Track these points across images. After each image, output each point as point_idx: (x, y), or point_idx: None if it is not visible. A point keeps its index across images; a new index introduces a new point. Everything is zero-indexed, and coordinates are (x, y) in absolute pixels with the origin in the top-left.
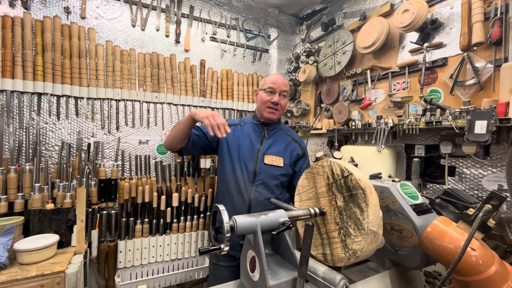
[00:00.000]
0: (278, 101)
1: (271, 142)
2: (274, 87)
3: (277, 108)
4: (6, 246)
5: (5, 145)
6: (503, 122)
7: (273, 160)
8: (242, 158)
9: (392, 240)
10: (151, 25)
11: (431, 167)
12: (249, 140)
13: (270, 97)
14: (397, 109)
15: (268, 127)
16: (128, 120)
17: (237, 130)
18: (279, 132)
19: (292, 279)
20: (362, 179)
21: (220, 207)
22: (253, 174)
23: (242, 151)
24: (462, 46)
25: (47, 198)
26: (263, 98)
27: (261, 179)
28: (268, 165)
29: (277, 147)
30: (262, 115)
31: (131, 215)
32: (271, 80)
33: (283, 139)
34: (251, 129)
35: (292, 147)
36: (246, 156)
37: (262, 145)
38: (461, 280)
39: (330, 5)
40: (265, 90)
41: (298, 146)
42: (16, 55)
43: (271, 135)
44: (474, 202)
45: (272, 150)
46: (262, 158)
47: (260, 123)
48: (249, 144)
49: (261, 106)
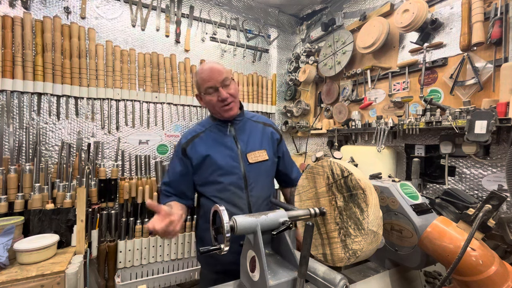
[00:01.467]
0: (226, 95)
1: (245, 137)
2: (211, 85)
3: (230, 101)
4: (6, 246)
5: (5, 145)
6: (503, 122)
7: (258, 156)
8: (226, 167)
9: (392, 240)
10: (151, 25)
11: (431, 167)
12: (222, 145)
13: (216, 96)
14: (397, 109)
15: (234, 122)
16: (128, 120)
17: (201, 141)
18: (248, 123)
19: (292, 279)
20: (362, 179)
21: (220, 207)
22: (243, 179)
23: (222, 158)
24: (462, 46)
25: (47, 198)
26: (210, 101)
27: (252, 181)
28: (254, 164)
29: (254, 139)
30: (222, 116)
31: (131, 215)
32: (202, 78)
33: (255, 128)
34: (217, 131)
35: (267, 132)
36: (228, 163)
37: (238, 144)
38: (461, 280)
39: (330, 5)
40: (206, 93)
41: (272, 129)
42: (16, 55)
43: (241, 129)
44: (474, 202)
45: (251, 145)
46: (246, 158)
47: (224, 122)
48: (224, 149)
49: (214, 110)
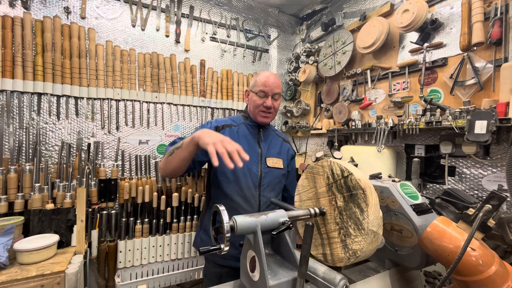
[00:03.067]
0: (271, 105)
1: (267, 144)
2: (266, 90)
3: (271, 111)
4: (6, 246)
5: (5, 145)
6: (503, 122)
7: (275, 163)
8: (247, 163)
9: (392, 240)
10: (151, 25)
11: (431, 167)
12: (247, 142)
13: (262, 101)
14: (397, 109)
15: (263, 128)
16: (128, 120)
17: (232, 132)
18: (271, 134)
19: (292, 279)
20: (362, 179)
21: (220, 207)
22: (258, 178)
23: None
24: (462, 46)
25: (47, 198)
26: (255, 101)
27: (266, 182)
28: (271, 168)
29: (274, 149)
30: (256, 118)
31: (131, 215)
32: (262, 81)
33: (276, 140)
34: (246, 130)
35: (285, 147)
36: (250, 160)
37: (261, 148)
38: (461, 280)
39: (330, 5)
40: (256, 93)
41: (289, 146)
42: (16, 55)
43: (266, 137)
44: (474, 202)
45: (272, 152)
46: (265, 161)
47: (256, 125)
48: (248, 146)
49: (254, 110)
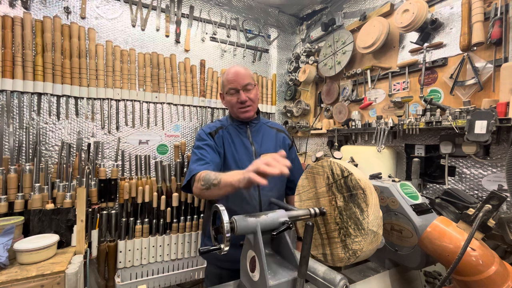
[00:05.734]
0: (246, 98)
1: (259, 139)
2: (234, 86)
3: (249, 104)
4: (6, 246)
5: (5, 145)
6: (503, 122)
7: None
8: (240, 163)
9: (392, 240)
10: (151, 25)
11: (431, 167)
12: (239, 143)
13: (236, 97)
14: (397, 109)
15: (250, 124)
16: (128, 120)
17: (225, 134)
18: (262, 127)
19: (292, 279)
20: (362, 179)
21: (220, 207)
22: None
23: (239, 156)
24: (462, 46)
25: (47, 198)
26: (230, 101)
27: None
28: None
29: (268, 143)
30: (238, 116)
31: (131, 215)
32: (228, 79)
33: (269, 133)
34: (235, 130)
35: (280, 138)
36: (244, 160)
37: (253, 145)
38: (461, 280)
39: (330, 5)
40: (227, 93)
41: (284, 135)
42: (16, 55)
43: (256, 132)
44: (474, 202)
45: (265, 147)
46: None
47: (242, 123)
48: (241, 147)
49: (232, 109)
